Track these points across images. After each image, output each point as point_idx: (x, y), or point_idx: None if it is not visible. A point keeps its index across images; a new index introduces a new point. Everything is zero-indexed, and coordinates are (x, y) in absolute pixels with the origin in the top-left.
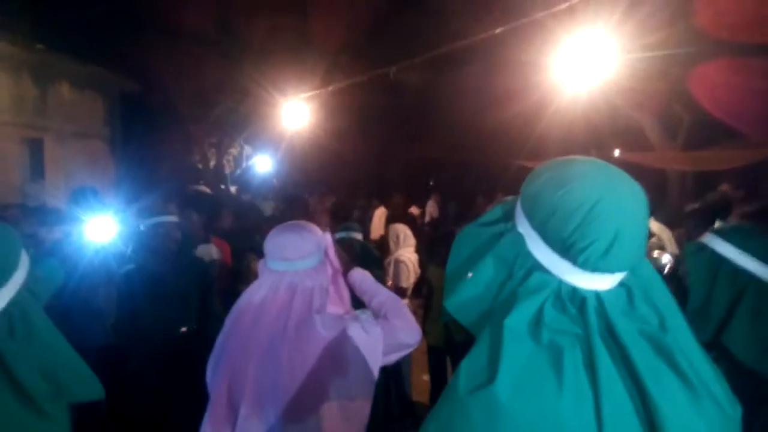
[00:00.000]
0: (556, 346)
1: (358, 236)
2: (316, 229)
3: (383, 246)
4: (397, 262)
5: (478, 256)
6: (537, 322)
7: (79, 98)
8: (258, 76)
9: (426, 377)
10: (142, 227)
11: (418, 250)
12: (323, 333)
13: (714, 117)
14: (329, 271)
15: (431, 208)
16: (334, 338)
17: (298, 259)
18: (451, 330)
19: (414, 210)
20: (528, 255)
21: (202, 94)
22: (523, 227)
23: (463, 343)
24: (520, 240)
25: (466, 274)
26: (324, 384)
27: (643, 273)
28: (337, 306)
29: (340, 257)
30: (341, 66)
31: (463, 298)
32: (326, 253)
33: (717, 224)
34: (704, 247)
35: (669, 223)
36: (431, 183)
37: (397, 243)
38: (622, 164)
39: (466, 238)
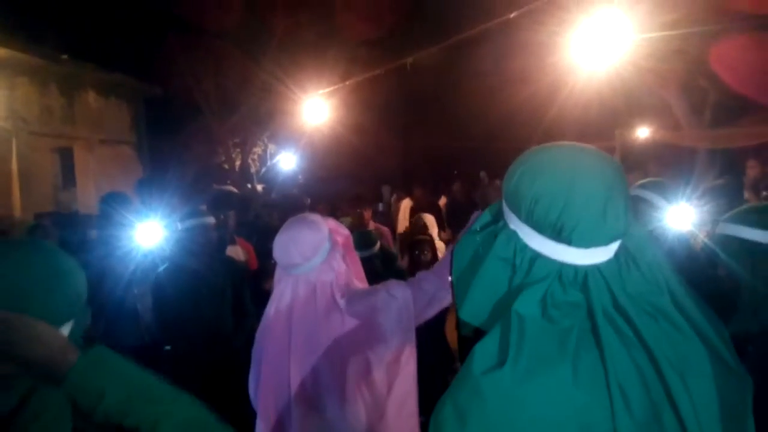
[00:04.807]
0: (564, 326)
1: (376, 248)
2: (316, 221)
3: (409, 237)
4: None
5: (478, 262)
6: (543, 306)
7: (105, 106)
8: (279, 72)
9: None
10: (180, 228)
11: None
12: (351, 314)
13: (739, 92)
14: (340, 255)
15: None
16: (364, 314)
17: (305, 262)
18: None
19: (443, 201)
20: (525, 248)
21: (225, 93)
22: (514, 223)
23: (471, 338)
24: (513, 236)
25: (470, 282)
26: (367, 358)
27: (637, 237)
28: (358, 280)
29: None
30: (360, 59)
31: (475, 304)
32: (333, 240)
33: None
34: (730, 237)
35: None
36: (455, 172)
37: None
38: (650, 144)
39: (463, 246)
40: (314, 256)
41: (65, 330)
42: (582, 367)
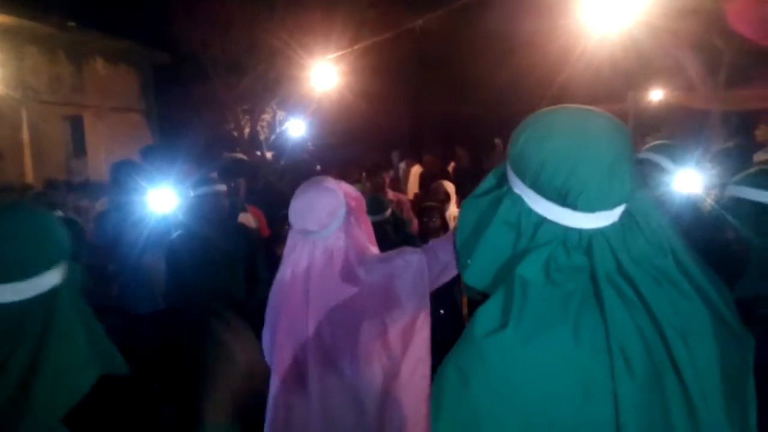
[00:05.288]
0: (567, 289)
1: (388, 213)
2: (331, 186)
3: (419, 203)
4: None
5: (483, 226)
6: (547, 269)
7: (113, 73)
8: (287, 36)
9: None
10: (192, 195)
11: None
12: (368, 280)
13: (756, 50)
14: (355, 219)
15: (463, 162)
16: (380, 281)
17: (321, 229)
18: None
19: (452, 166)
20: (530, 212)
21: (233, 59)
22: (518, 187)
23: (479, 302)
24: (518, 200)
25: (475, 246)
26: (383, 321)
27: (641, 201)
28: (372, 244)
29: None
30: (368, 23)
31: (479, 267)
32: (348, 205)
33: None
34: (739, 200)
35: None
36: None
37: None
38: (664, 106)
39: (468, 211)
40: (331, 223)
41: (52, 278)
42: (583, 328)
